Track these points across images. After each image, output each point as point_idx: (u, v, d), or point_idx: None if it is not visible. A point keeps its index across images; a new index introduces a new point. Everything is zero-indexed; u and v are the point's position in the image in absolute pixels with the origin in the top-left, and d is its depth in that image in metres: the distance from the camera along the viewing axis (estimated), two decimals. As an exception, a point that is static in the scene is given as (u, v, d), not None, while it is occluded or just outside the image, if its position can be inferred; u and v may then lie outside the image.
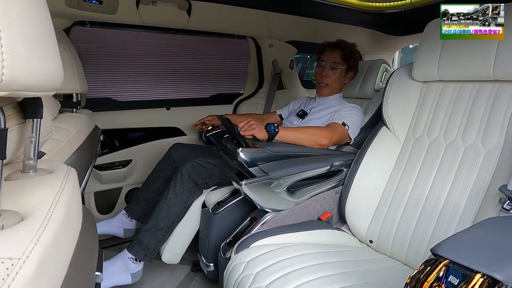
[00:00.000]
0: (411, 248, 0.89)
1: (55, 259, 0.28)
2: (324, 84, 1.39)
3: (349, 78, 1.44)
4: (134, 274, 1.16)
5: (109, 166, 1.58)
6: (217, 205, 1.16)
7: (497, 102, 0.85)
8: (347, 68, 1.39)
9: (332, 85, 1.39)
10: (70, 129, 0.84)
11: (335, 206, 1.14)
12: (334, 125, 1.23)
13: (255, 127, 1.08)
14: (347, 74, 1.41)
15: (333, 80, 1.38)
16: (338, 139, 1.21)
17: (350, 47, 1.40)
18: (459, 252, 0.45)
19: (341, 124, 1.22)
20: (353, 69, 1.42)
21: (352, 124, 1.23)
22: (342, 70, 1.38)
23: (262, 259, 0.79)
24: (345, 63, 1.38)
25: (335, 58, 1.37)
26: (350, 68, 1.40)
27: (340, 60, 1.37)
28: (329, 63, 1.37)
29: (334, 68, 1.37)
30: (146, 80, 1.69)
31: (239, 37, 1.85)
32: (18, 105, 0.40)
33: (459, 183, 0.85)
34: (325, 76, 1.38)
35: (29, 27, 0.26)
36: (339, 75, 1.38)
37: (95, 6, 1.26)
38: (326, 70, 1.38)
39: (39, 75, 0.28)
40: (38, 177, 0.38)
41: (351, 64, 1.40)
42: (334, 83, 1.39)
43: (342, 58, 1.37)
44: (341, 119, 1.24)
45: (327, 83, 1.38)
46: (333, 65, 1.37)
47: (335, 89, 1.41)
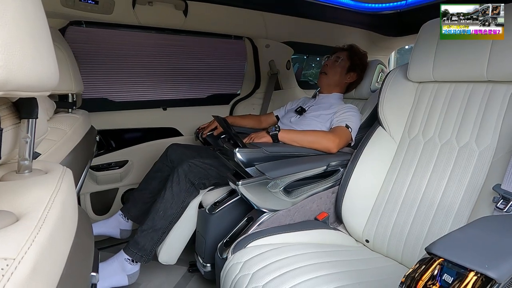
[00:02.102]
0: (406, 247, 0.90)
1: (50, 259, 0.28)
2: (324, 72, 1.44)
3: (351, 79, 1.44)
4: (131, 275, 1.15)
5: (105, 167, 1.58)
6: (214, 205, 1.16)
7: (491, 102, 0.86)
8: (350, 66, 1.42)
9: (331, 77, 1.42)
10: (66, 129, 0.84)
11: (332, 206, 1.14)
12: (339, 129, 1.21)
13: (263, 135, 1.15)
14: (348, 73, 1.43)
15: (332, 71, 1.42)
16: (344, 144, 1.20)
17: (359, 51, 1.46)
18: (453, 250, 0.46)
19: (345, 127, 1.21)
20: (356, 70, 1.44)
21: (353, 126, 1.24)
22: (344, 65, 1.42)
23: (259, 259, 0.79)
24: (349, 60, 1.42)
25: (340, 54, 1.44)
26: (353, 67, 1.42)
27: (345, 56, 1.43)
28: (334, 57, 1.45)
29: (336, 61, 1.43)
30: (142, 80, 1.69)
31: (236, 38, 1.85)
32: (13, 105, 0.40)
33: (454, 182, 0.86)
34: (326, 65, 1.44)
35: (24, 27, 0.26)
36: (340, 69, 1.42)
37: (91, 6, 1.25)
38: (329, 61, 1.45)
39: (34, 75, 0.28)
40: (33, 178, 0.38)
41: (355, 64, 1.42)
42: (333, 75, 1.42)
43: (347, 56, 1.43)
44: (344, 122, 1.23)
45: (326, 72, 1.43)
46: (336, 58, 1.43)
47: (334, 83, 1.43)
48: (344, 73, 1.42)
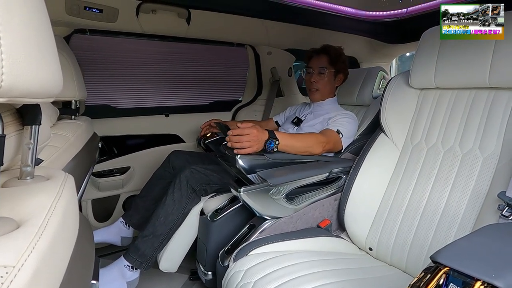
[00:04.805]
0: (410, 255, 0.88)
1: (51, 267, 0.28)
2: (315, 89, 1.41)
3: (340, 81, 1.44)
4: (130, 283, 1.14)
5: (107, 173, 1.58)
6: (215, 212, 1.16)
7: (494, 109, 0.86)
8: (335, 71, 1.40)
9: (323, 90, 1.40)
10: (69, 136, 0.84)
11: (334, 213, 1.13)
12: (329, 132, 1.21)
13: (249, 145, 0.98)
14: (336, 77, 1.42)
15: (322, 85, 1.40)
16: (330, 148, 1.19)
17: (336, 50, 1.41)
18: (459, 259, 0.45)
19: (335, 132, 1.21)
20: (342, 72, 1.42)
21: (346, 132, 1.23)
22: (330, 73, 1.40)
23: (261, 267, 0.78)
24: (332, 67, 1.39)
25: (321, 63, 1.39)
26: (338, 71, 1.41)
27: (327, 64, 1.39)
28: (317, 69, 1.40)
29: (322, 73, 1.39)
30: (145, 87, 1.70)
31: (238, 45, 1.87)
32: (16, 111, 0.40)
33: (458, 189, 0.85)
34: (314, 82, 1.40)
35: (29, 34, 0.26)
36: (328, 79, 1.40)
37: (95, 14, 1.27)
38: (315, 76, 1.40)
39: (38, 81, 0.28)
40: (35, 184, 0.37)
41: (339, 67, 1.40)
42: (325, 88, 1.40)
43: (329, 62, 1.39)
44: (336, 127, 1.23)
45: (317, 88, 1.40)
46: (320, 70, 1.39)
47: (327, 93, 1.42)
48: (332, 80, 1.41)
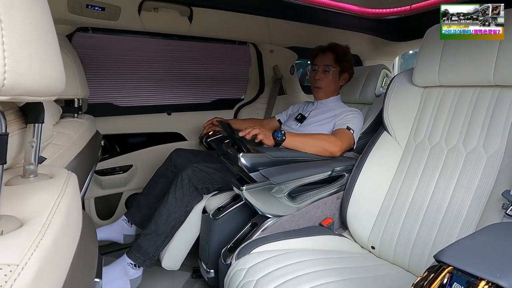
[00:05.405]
0: (413, 254, 0.88)
1: (54, 265, 0.28)
2: (318, 87, 1.40)
3: (344, 80, 1.43)
4: (133, 280, 1.15)
5: (110, 171, 1.58)
6: (217, 210, 1.16)
7: (498, 107, 0.85)
8: (340, 70, 1.39)
9: (327, 88, 1.40)
10: (71, 134, 0.84)
11: (337, 211, 1.13)
12: (341, 132, 1.21)
13: (262, 134, 1.09)
14: (341, 76, 1.41)
15: (327, 83, 1.39)
16: (347, 146, 1.19)
17: (342, 49, 1.40)
18: (464, 258, 0.45)
19: (346, 129, 1.21)
20: (347, 71, 1.41)
21: (355, 128, 1.23)
22: (335, 72, 1.38)
23: (263, 265, 0.78)
24: (338, 65, 1.38)
25: (327, 61, 1.38)
26: (343, 70, 1.40)
27: (332, 62, 1.37)
28: (322, 67, 1.38)
29: (327, 71, 1.37)
30: (147, 85, 1.70)
31: (240, 43, 1.86)
32: (19, 110, 0.40)
33: (462, 188, 0.85)
34: (318, 80, 1.39)
35: (32, 32, 0.26)
36: (333, 77, 1.39)
37: (98, 12, 1.27)
38: (319, 74, 1.39)
39: (41, 80, 0.28)
40: (38, 182, 0.38)
41: (344, 66, 1.39)
42: (329, 86, 1.39)
43: (334, 61, 1.37)
44: (345, 124, 1.23)
45: (321, 86, 1.39)
46: (325, 68, 1.38)
47: (331, 92, 1.41)
48: (337, 79, 1.40)
